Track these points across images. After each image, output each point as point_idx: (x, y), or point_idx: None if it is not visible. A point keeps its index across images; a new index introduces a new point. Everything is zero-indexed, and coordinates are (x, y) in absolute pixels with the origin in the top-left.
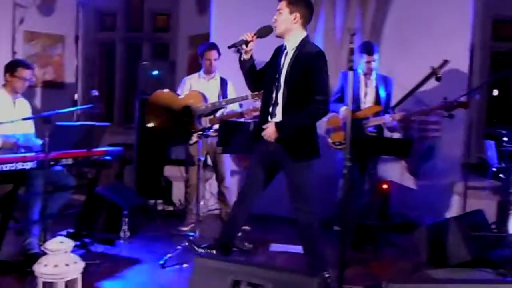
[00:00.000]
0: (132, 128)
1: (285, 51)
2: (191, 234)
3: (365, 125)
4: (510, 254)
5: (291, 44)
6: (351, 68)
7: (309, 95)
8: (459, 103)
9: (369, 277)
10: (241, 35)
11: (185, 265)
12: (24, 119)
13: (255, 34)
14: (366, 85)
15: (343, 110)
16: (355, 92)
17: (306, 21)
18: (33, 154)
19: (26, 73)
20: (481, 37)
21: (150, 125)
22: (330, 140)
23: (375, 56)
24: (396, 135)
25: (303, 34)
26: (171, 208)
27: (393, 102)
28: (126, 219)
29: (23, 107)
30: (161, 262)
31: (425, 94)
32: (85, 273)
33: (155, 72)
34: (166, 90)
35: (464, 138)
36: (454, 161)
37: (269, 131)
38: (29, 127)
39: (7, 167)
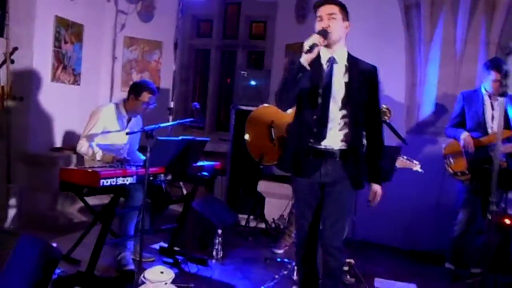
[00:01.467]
0: (224, 139)
1: (332, 63)
2: (288, 261)
3: (492, 152)
4: None
5: (340, 55)
6: (503, 94)
7: (370, 116)
8: None
9: None
10: (309, 38)
11: None
12: (127, 133)
13: (325, 39)
14: (492, 107)
15: (465, 136)
16: (480, 116)
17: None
18: (134, 168)
19: (150, 98)
20: None
21: (247, 137)
22: (450, 170)
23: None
24: None
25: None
26: (263, 226)
27: None
28: (220, 238)
29: (135, 123)
30: None
31: None
32: None
33: (253, 82)
34: (268, 105)
35: None
36: None
37: (380, 194)
38: (134, 139)
39: (108, 182)
